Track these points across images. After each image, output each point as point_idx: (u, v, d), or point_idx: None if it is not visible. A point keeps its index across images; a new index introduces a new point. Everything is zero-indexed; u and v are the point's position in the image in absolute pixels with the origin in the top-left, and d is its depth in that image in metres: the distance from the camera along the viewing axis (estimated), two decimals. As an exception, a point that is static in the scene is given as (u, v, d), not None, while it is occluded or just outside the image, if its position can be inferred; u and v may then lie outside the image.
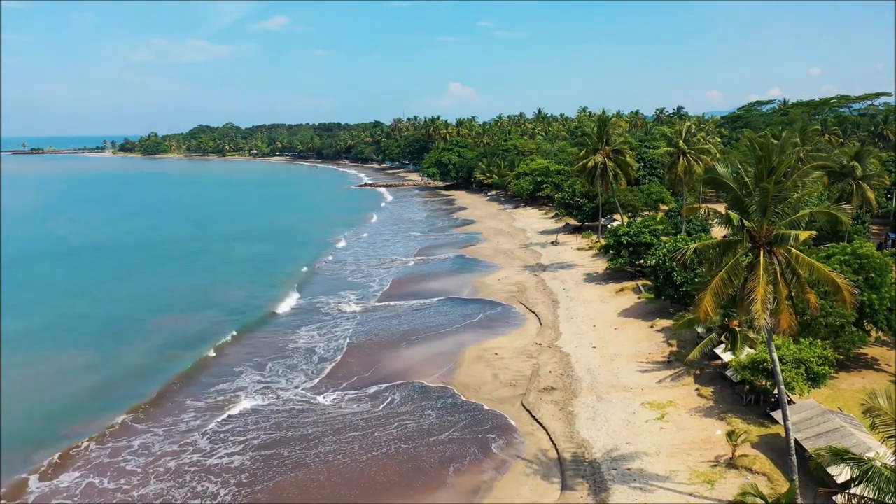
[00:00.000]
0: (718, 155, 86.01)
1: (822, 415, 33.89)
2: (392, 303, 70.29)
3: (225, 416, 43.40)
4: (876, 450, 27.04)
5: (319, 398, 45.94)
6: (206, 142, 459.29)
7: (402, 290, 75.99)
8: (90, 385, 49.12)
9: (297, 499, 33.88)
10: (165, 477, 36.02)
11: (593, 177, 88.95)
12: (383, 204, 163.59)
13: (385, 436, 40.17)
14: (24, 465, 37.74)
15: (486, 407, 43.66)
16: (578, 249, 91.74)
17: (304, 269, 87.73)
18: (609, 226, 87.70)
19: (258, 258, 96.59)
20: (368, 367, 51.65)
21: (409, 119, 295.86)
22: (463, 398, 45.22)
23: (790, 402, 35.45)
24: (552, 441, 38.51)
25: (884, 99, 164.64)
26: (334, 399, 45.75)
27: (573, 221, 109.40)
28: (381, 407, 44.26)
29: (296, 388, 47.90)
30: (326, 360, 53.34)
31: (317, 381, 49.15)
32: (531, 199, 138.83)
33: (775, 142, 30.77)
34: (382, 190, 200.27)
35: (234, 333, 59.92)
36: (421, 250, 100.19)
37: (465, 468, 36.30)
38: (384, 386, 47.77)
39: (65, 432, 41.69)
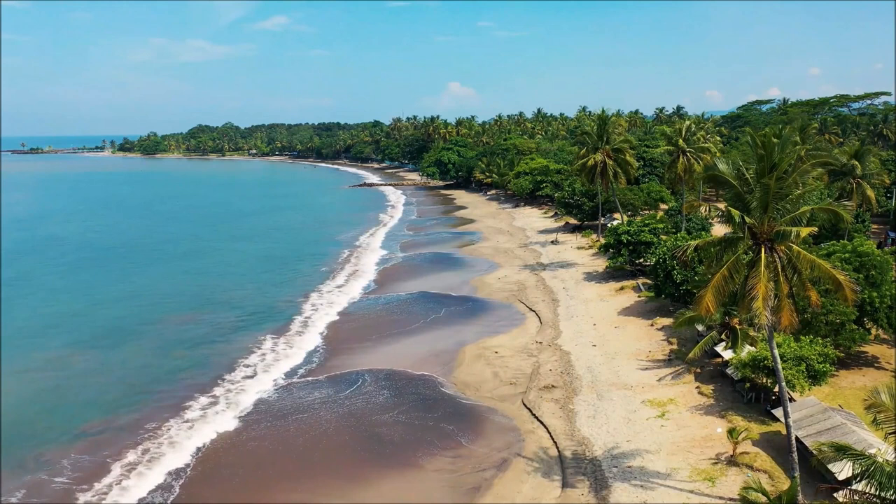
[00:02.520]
0: (718, 154, 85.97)
1: (823, 412, 33.87)
2: (387, 300, 70.35)
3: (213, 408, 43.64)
4: (877, 447, 27.05)
5: (317, 393, 45.96)
6: (205, 141, 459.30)
7: (399, 287, 75.93)
8: (99, 383, 49.05)
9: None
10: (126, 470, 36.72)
11: (593, 175, 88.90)
12: (384, 203, 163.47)
13: (397, 436, 40.19)
14: (39, 464, 37.39)
15: (485, 405, 43.62)
16: (578, 248, 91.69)
17: (323, 268, 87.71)
18: (609, 225, 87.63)
19: (283, 261, 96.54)
20: (367, 364, 51.61)
21: (408, 119, 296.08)
22: (462, 395, 45.18)
23: (791, 399, 35.40)
24: (553, 439, 38.46)
25: (883, 98, 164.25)
26: (331, 396, 45.76)
27: (573, 220, 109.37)
28: (380, 404, 44.26)
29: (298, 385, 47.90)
30: (324, 353, 53.50)
31: (319, 376, 49.25)
32: (531, 198, 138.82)
33: (776, 140, 30.72)
34: (384, 189, 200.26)
35: (243, 335, 59.94)
36: (419, 249, 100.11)
37: (463, 466, 36.20)
38: (384, 383, 47.81)
39: (81, 430, 41.63)
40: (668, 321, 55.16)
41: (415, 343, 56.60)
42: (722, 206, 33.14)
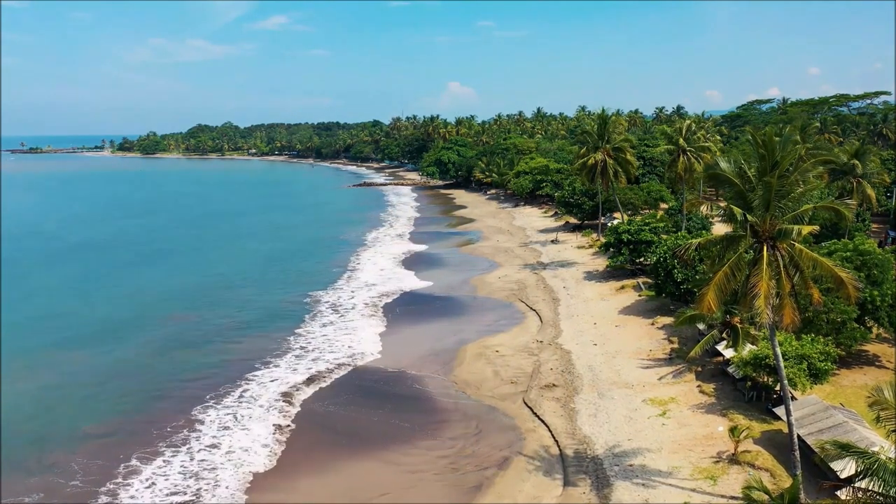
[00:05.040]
0: (718, 153, 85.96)
1: (824, 410, 33.88)
2: (388, 298, 70.23)
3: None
4: (880, 444, 27.04)
5: (321, 394, 45.93)
6: (204, 141, 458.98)
7: (398, 287, 75.71)
8: (103, 383, 48.64)
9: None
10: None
11: (594, 175, 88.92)
12: (384, 202, 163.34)
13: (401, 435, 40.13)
14: (48, 468, 36.69)
15: (486, 404, 43.57)
16: (578, 248, 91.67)
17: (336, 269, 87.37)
18: (609, 224, 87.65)
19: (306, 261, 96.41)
20: (365, 363, 51.62)
21: (408, 118, 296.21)
22: (463, 394, 45.16)
23: (792, 397, 35.37)
24: (554, 438, 38.43)
25: (882, 98, 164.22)
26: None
27: (573, 220, 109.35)
28: (376, 403, 44.24)
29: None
30: (327, 354, 53.50)
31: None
32: (531, 197, 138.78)
33: (777, 139, 30.72)
34: (384, 188, 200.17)
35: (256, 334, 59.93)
36: (419, 248, 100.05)
37: (465, 465, 36.18)
38: (381, 382, 47.84)
39: (87, 431, 41.15)
40: (668, 320, 55.14)
41: (415, 341, 56.58)
42: (723, 204, 33.13)
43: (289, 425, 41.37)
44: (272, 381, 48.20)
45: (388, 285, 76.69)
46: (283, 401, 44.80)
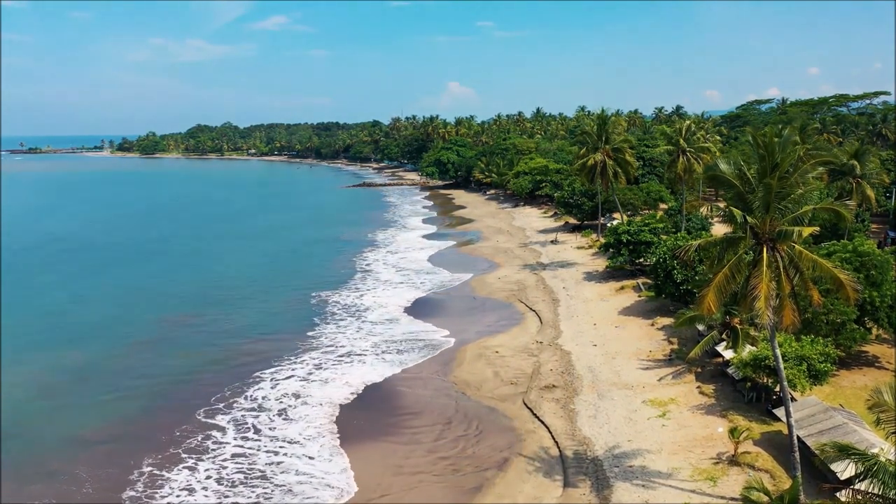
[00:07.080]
0: (718, 153, 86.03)
1: (824, 412, 33.89)
2: (388, 300, 70.23)
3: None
4: (879, 446, 27.05)
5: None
6: (204, 141, 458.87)
7: (397, 288, 75.74)
8: (102, 386, 48.38)
9: None
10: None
11: (593, 175, 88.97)
12: (384, 202, 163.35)
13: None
14: (45, 474, 36.03)
15: (486, 405, 43.58)
16: (578, 248, 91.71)
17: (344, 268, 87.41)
18: (608, 224, 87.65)
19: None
20: (364, 367, 51.52)
21: (407, 118, 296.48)
22: (463, 395, 45.14)
23: (792, 399, 35.38)
24: (554, 439, 38.45)
25: (882, 98, 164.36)
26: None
27: (572, 220, 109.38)
28: (375, 406, 44.19)
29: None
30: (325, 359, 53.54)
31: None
32: (530, 197, 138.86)
33: (777, 140, 30.71)
34: (383, 189, 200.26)
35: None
36: (418, 249, 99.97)
37: (465, 466, 36.18)
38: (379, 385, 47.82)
39: (85, 436, 40.74)
40: (668, 321, 55.17)
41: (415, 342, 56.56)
42: (722, 205, 33.20)
43: (294, 433, 41.32)
44: (286, 378, 48.41)
45: (387, 287, 76.57)
46: (297, 403, 44.56)
